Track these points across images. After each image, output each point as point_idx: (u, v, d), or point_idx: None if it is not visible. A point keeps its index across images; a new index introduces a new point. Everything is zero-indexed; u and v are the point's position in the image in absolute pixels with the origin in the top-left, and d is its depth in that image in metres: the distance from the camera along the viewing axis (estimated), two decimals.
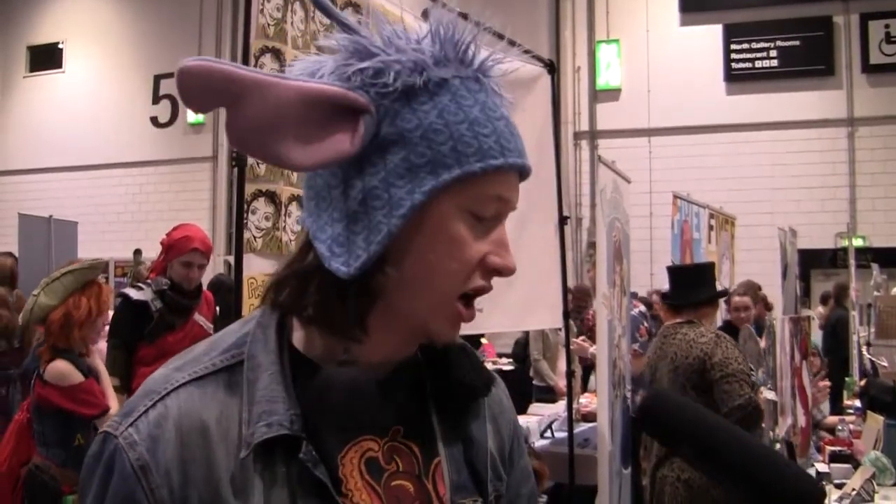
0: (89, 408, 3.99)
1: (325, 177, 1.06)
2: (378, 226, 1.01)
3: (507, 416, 1.27)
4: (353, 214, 1.03)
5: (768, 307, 8.51)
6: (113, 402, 4.08)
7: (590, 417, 6.11)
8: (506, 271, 1.06)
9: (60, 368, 4.02)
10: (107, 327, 4.47)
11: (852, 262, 10.32)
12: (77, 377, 4.02)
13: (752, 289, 7.32)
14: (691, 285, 4.87)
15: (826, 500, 0.94)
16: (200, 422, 1.03)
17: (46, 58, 20.28)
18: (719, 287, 4.89)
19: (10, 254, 7.43)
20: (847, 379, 8.34)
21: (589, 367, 7.27)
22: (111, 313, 4.83)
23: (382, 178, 1.01)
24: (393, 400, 1.11)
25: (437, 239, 1.02)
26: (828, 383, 6.30)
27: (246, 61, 3.08)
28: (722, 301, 8.45)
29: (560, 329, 7.43)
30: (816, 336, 9.46)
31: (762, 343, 5.51)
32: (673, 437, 1.07)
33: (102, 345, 4.23)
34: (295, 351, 1.09)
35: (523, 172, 1.08)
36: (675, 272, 5.19)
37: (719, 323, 6.99)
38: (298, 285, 1.07)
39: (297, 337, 1.10)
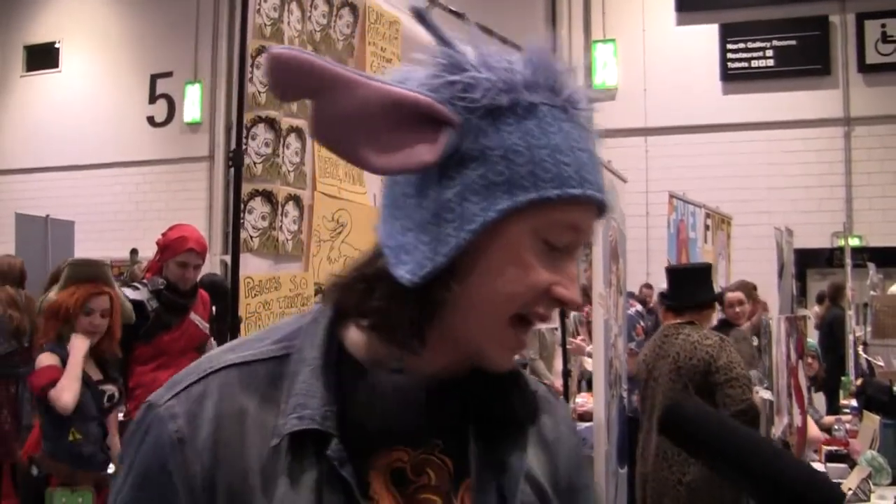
0: (34, 389, 4.04)
1: (402, 186, 1.06)
2: (447, 238, 1.00)
3: (564, 443, 1.24)
4: (424, 225, 1.02)
5: (765, 308, 8.51)
6: (64, 380, 3.99)
7: (586, 417, 6.12)
8: (571, 305, 1.05)
9: (40, 360, 4.10)
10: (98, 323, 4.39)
11: (849, 261, 10.33)
12: (45, 363, 4.05)
13: (746, 288, 7.32)
14: (692, 286, 4.88)
15: None
16: (239, 406, 1.05)
17: (43, 57, 20.26)
18: (716, 288, 4.90)
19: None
20: (843, 378, 8.35)
21: None
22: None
23: (458, 192, 1.01)
24: (436, 413, 1.10)
25: (505, 260, 1.01)
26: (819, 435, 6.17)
27: (243, 61, 3.09)
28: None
29: (556, 328, 7.45)
30: (812, 336, 9.47)
31: (755, 342, 5.52)
32: (698, 446, 1.07)
33: (77, 338, 4.16)
34: (346, 352, 1.09)
35: (601, 208, 1.06)
36: (675, 273, 5.19)
37: (713, 322, 6.98)
38: (363, 289, 1.07)
39: (352, 339, 1.10)
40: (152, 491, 1.03)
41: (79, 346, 4.10)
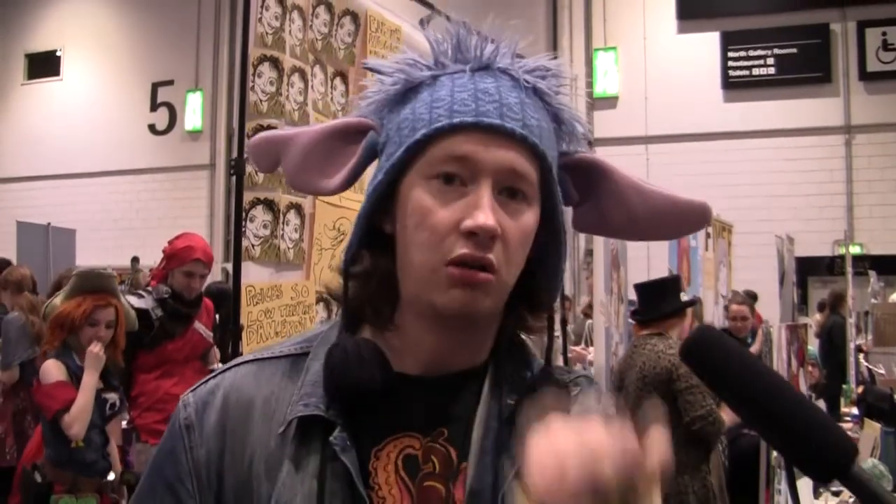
0: (45, 411, 4.00)
1: None
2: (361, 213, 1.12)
3: None
4: None
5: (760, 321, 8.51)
6: (78, 403, 3.99)
7: None
8: (481, 231, 1.01)
9: (45, 367, 4.07)
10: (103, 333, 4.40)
11: (849, 269, 10.32)
12: (52, 378, 4.02)
13: (749, 301, 7.33)
14: (657, 299, 4.92)
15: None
16: (247, 397, 1.12)
17: (44, 65, 20.30)
18: (686, 297, 4.92)
19: (8, 260, 7.54)
20: (844, 387, 8.34)
21: None
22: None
23: (374, 175, 1.11)
24: (444, 402, 1.13)
25: (408, 213, 1.06)
26: None
27: (244, 70, 3.10)
28: (721, 309, 8.47)
29: (557, 336, 7.44)
30: (813, 344, 9.47)
31: (755, 347, 5.50)
32: (717, 379, 1.07)
33: (96, 347, 4.19)
34: None
35: (505, 132, 1.04)
36: (641, 288, 5.24)
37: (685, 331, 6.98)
38: (347, 288, 1.16)
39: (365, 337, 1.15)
40: (162, 473, 1.13)
41: (92, 375, 4.12)
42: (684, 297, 4.90)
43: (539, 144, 1.06)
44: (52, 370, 4.04)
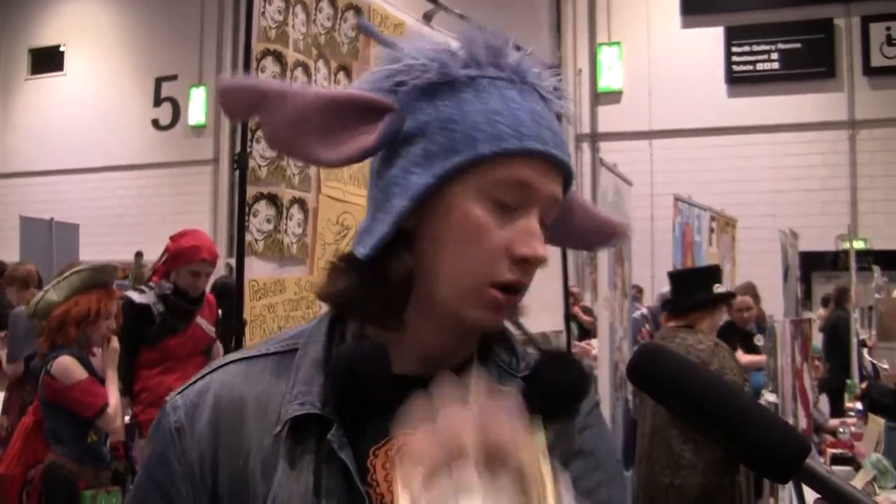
0: (84, 409, 3.99)
1: (371, 177, 1.15)
2: (392, 209, 1.07)
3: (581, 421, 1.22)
4: (378, 204, 1.10)
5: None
6: (113, 399, 4.07)
7: None
8: (534, 260, 1.05)
9: (65, 364, 4.02)
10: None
11: (853, 264, 10.31)
12: (78, 374, 4.02)
13: (753, 291, 7.31)
14: (688, 289, 4.81)
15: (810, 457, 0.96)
16: (238, 396, 1.11)
17: (48, 60, 20.31)
18: (720, 289, 4.76)
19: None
20: (848, 382, 8.33)
21: None
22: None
23: (402, 167, 1.07)
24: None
25: (453, 223, 1.05)
26: None
27: (248, 64, 3.09)
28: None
29: (561, 332, 7.44)
30: (817, 339, 9.46)
31: (760, 342, 5.50)
32: (663, 390, 1.08)
33: (115, 342, 4.23)
34: None
35: (557, 163, 1.07)
36: (674, 277, 5.13)
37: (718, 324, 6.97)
38: (332, 277, 1.14)
39: (354, 334, 1.13)
40: (156, 479, 1.10)
41: (114, 370, 4.15)
42: (719, 288, 4.75)
43: (573, 176, 1.12)
44: (74, 368, 4.03)
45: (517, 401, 0.85)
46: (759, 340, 6.76)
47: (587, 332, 9.74)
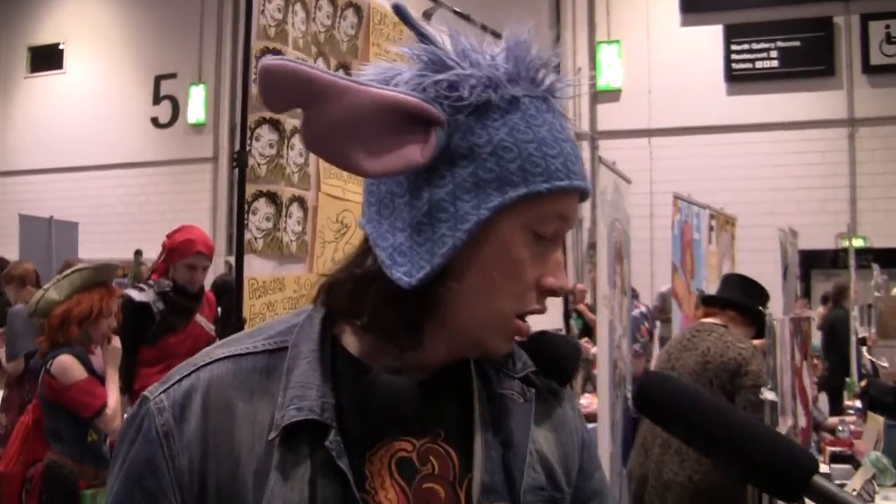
0: (83, 409, 3.99)
1: (389, 184, 1.06)
2: (442, 238, 1.01)
3: (569, 428, 1.24)
4: (418, 225, 1.03)
5: None
6: (112, 399, 4.07)
7: (590, 418, 6.11)
8: (561, 292, 1.07)
9: (64, 363, 4.02)
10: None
11: (853, 262, 10.32)
12: (77, 374, 4.02)
13: None
14: (740, 291, 4.78)
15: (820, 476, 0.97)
16: (227, 398, 1.05)
17: (47, 59, 20.29)
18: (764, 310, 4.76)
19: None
20: (847, 380, 8.34)
21: None
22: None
23: (450, 190, 1.01)
24: (435, 402, 1.11)
25: (499, 256, 1.03)
26: None
27: (247, 62, 3.09)
28: None
29: (560, 330, 7.45)
30: (816, 337, 9.47)
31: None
32: (669, 417, 1.09)
33: (116, 342, 4.24)
34: (341, 348, 1.10)
35: (584, 195, 1.08)
36: (728, 277, 5.13)
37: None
38: (354, 290, 1.08)
39: (347, 336, 1.11)
40: (142, 485, 1.04)
41: (115, 370, 4.15)
42: (762, 309, 4.72)
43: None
44: (74, 367, 4.03)
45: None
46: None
47: (590, 330, 9.73)
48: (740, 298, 4.69)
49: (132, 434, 1.06)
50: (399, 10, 1.10)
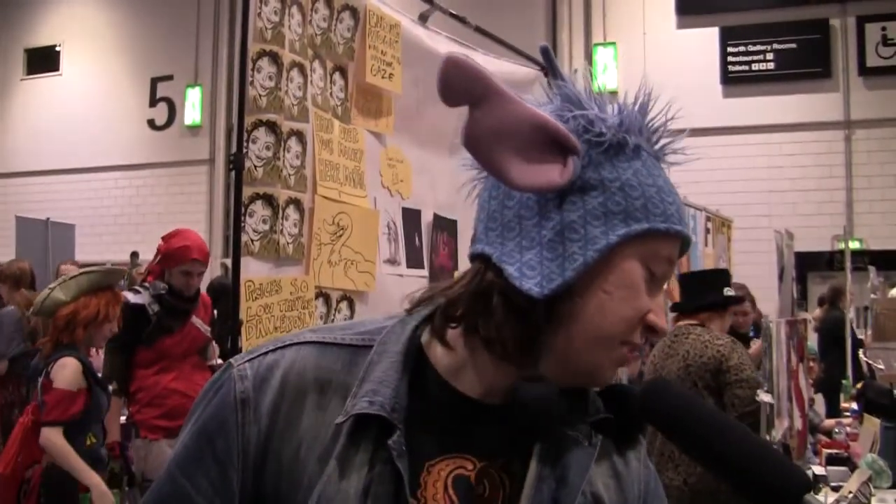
0: (46, 412, 3.98)
1: (516, 209, 1.11)
2: (573, 256, 1.07)
3: (634, 476, 1.24)
4: (549, 243, 1.08)
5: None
6: (114, 425, 4.06)
7: None
8: (661, 333, 1.13)
9: (68, 367, 4.05)
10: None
11: (849, 264, 10.32)
12: (71, 383, 4.02)
13: (750, 294, 7.32)
14: (702, 289, 4.85)
15: (819, 495, 0.97)
16: (305, 381, 1.11)
17: (44, 60, 20.25)
18: (730, 292, 4.80)
19: None
20: (844, 382, 8.35)
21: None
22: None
23: (581, 215, 1.08)
24: (504, 429, 1.12)
25: (620, 281, 1.09)
26: None
27: (243, 65, 3.09)
28: None
29: None
30: (812, 339, 9.47)
31: (757, 344, 5.49)
32: (669, 424, 1.11)
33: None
34: (428, 360, 1.14)
35: (686, 246, 1.16)
36: (685, 278, 5.22)
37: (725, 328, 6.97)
38: (474, 303, 1.10)
39: (434, 348, 1.14)
40: (212, 443, 1.10)
41: (94, 477, 4.13)
42: (729, 291, 4.80)
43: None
44: (74, 376, 4.04)
45: None
46: (755, 343, 6.77)
47: None
48: (702, 299, 4.75)
49: (211, 395, 1.13)
50: (545, 53, 1.20)
